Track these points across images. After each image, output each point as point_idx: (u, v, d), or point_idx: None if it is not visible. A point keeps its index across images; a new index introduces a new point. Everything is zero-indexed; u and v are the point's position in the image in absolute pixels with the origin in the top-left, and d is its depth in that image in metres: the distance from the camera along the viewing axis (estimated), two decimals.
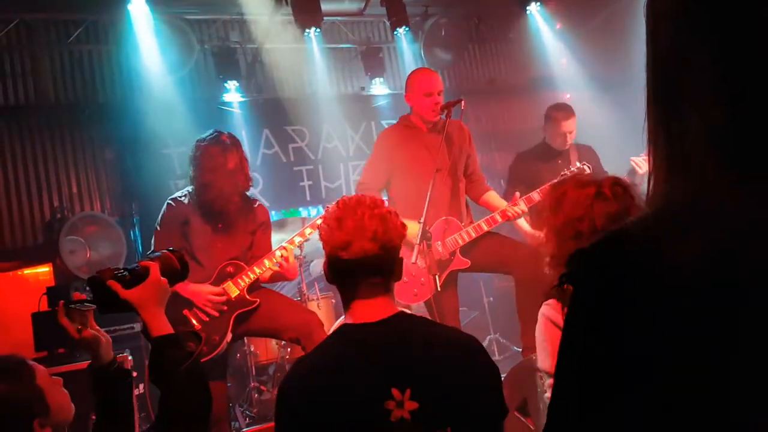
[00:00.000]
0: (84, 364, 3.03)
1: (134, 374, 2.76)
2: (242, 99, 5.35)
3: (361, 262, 1.36)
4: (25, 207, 4.74)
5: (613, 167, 3.41)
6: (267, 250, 3.01)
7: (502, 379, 1.44)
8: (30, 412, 1.29)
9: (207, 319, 2.84)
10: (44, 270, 4.12)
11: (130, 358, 3.07)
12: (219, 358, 2.89)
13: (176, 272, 1.45)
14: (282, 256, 2.89)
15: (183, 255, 1.49)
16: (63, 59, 5.01)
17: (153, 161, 5.02)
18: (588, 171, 3.26)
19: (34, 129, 4.84)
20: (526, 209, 3.12)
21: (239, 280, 2.90)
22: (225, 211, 2.90)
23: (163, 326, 1.34)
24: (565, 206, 1.51)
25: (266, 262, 2.90)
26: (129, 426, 1.42)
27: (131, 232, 4.87)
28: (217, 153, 2.85)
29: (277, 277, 3.01)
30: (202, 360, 2.78)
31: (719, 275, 0.55)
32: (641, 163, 3.42)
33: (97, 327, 1.47)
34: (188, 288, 2.82)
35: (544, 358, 1.52)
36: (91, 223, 4.48)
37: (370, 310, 1.40)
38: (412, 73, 3.32)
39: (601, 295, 0.61)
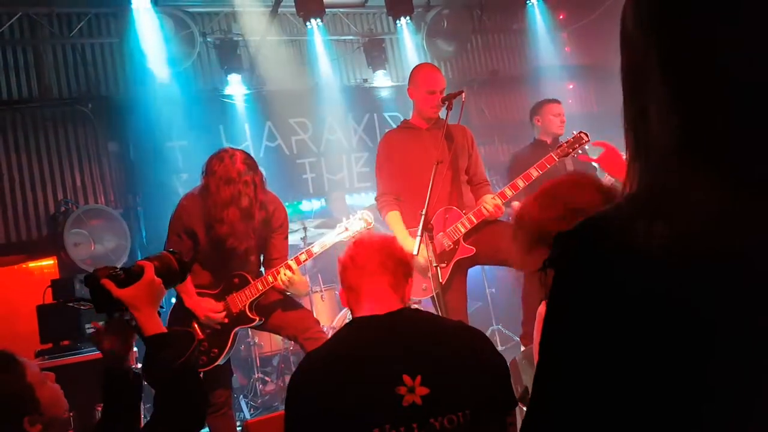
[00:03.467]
0: (88, 356, 3.07)
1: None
2: (245, 91, 5.35)
3: (372, 276, 1.50)
4: (29, 200, 4.77)
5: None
6: (283, 253, 2.96)
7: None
8: (19, 410, 1.28)
9: (208, 331, 2.84)
10: (49, 263, 4.16)
11: (135, 349, 3.09)
12: (223, 366, 2.89)
13: (174, 273, 1.44)
14: (286, 275, 2.82)
15: (182, 256, 1.48)
16: (66, 53, 5.02)
17: (157, 154, 5.04)
18: (586, 139, 3.18)
19: (37, 122, 4.85)
20: (524, 185, 3.12)
21: (243, 295, 2.88)
22: (237, 247, 2.80)
23: (155, 326, 1.33)
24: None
25: (270, 278, 2.85)
26: (134, 427, 1.43)
27: (135, 225, 4.90)
28: (230, 189, 2.71)
29: (290, 288, 2.91)
30: (201, 370, 2.78)
31: (684, 259, 0.58)
32: None
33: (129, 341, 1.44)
34: (192, 299, 2.82)
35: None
36: (95, 216, 4.51)
37: (379, 302, 1.46)
38: (416, 68, 3.31)
39: (578, 278, 0.64)
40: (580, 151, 3.23)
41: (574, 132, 3.25)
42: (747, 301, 0.57)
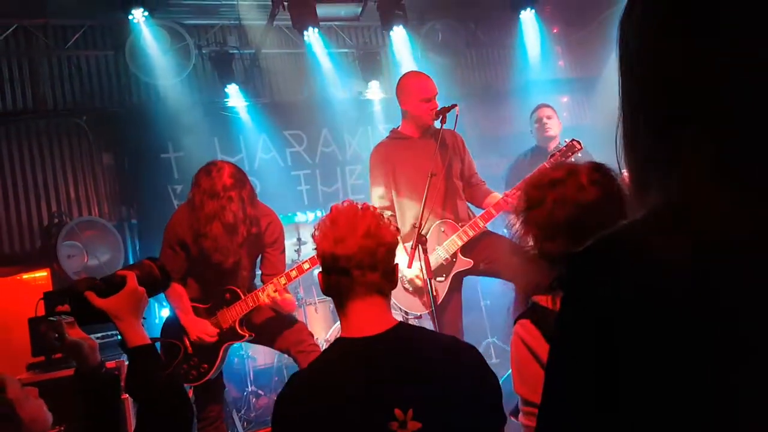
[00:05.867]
0: (69, 372, 3.03)
1: None
2: (240, 104, 5.36)
3: (355, 258, 1.35)
4: (23, 212, 4.75)
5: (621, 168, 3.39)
6: (279, 269, 2.93)
7: (501, 382, 1.43)
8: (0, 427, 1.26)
9: (198, 346, 2.82)
10: (42, 275, 4.12)
11: (126, 363, 3.07)
12: (214, 381, 2.88)
13: (157, 281, 1.42)
14: (269, 295, 2.79)
15: (164, 265, 1.47)
16: (61, 64, 5.03)
17: (151, 166, 5.03)
18: (579, 147, 3.20)
19: (32, 134, 4.85)
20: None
21: (233, 311, 2.86)
22: (222, 262, 2.79)
23: (139, 336, 1.31)
24: (532, 202, 1.38)
25: (260, 295, 2.83)
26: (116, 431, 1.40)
27: (129, 237, 4.88)
28: (214, 204, 2.69)
29: (274, 306, 2.87)
30: (191, 385, 2.75)
31: (705, 278, 0.57)
32: None
33: (82, 334, 1.42)
34: (187, 317, 2.82)
35: (516, 380, 1.39)
36: (88, 228, 4.49)
37: (368, 319, 1.37)
38: (405, 78, 3.27)
39: (591, 299, 0.62)
40: (573, 159, 3.25)
41: (566, 140, 3.29)
42: None
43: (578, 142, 3.24)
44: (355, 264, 1.35)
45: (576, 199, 1.29)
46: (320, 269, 1.44)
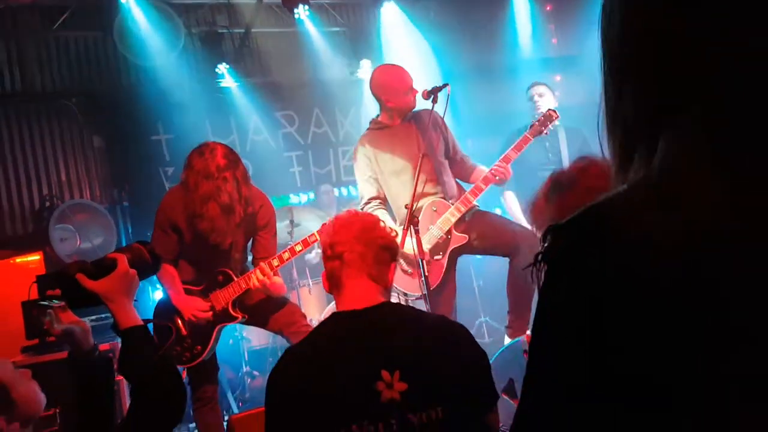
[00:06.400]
0: (63, 354, 3.05)
1: None
2: (231, 85, 5.31)
3: (350, 242, 1.49)
4: (14, 196, 4.72)
5: (604, 149, 3.42)
6: (271, 252, 2.92)
7: (492, 361, 1.48)
8: None
9: (191, 328, 2.83)
10: (35, 258, 4.12)
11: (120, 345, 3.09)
12: (208, 362, 2.89)
13: (147, 264, 1.42)
14: (259, 278, 2.79)
15: (154, 248, 1.47)
16: (49, 46, 4.95)
17: (142, 148, 5.00)
18: (556, 115, 3.31)
19: (21, 117, 4.80)
20: (508, 167, 3.14)
21: (226, 293, 2.87)
22: (220, 243, 2.78)
23: (131, 318, 1.31)
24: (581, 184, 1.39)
25: (252, 277, 2.83)
26: (109, 414, 1.42)
27: (121, 220, 4.87)
28: (209, 185, 2.68)
29: (264, 290, 2.87)
30: (185, 367, 2.77)
31: (695, 267, 0.57)
32: None
33: (74, 317, 1.43)
34: (179, 297, 2.82)
35: None
36: (80, 211, 4.48)
37: (359, 295, 1.45)
38: (380, 75, 3.27)
39: (577, 272, 0.61)
40: (551, 128, 3.36)
41: (543, 111, 3.42)
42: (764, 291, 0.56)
43: (554, 111, 3.36)
44: (349, 248, 1.47)
45: (608, 186, 1.31)
46: (323, 270, 1.55)
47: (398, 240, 2.91)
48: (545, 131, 3.33)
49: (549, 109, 3.37)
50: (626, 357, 0.58)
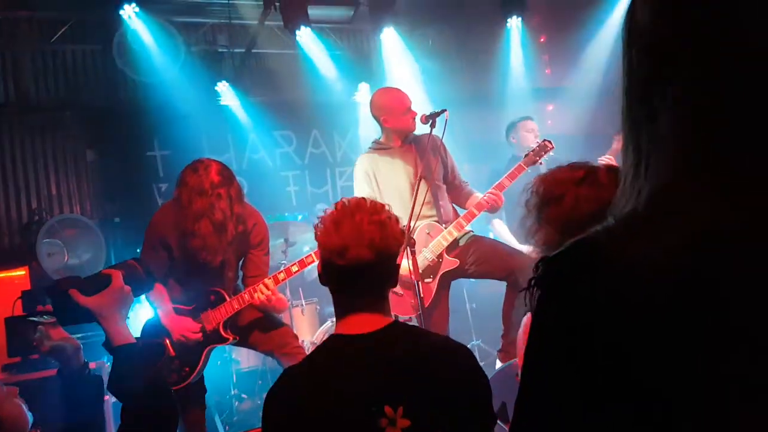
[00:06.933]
0: (52, 372, 2.97)
1: None
2: (229, 103, 5.32)
3: (356, 270, 1.34)
4: (2, 208, 4.64)
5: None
6: (263, 271, 2.88)
7: None
8: None
9: (180, 348, 2.76)
10: (20, 273, 4.03)
11: (107, 364, 3.01)
12: (195, 385, 2.83)
13: (142, 281, 1.40)
14: (263, 293, 2.73)
15: (149, 265, 1.45)
16: (46, 59, 4.94)
17: (137, 163, 4.96)
18: (551, 146, 3.33)
19: (14, 129, 4.75)
20: (501, 195, 3.17)
21: (218, 313, 2.80)
22: (210, 261, 2.73)
23: (124, 335, 1.29)
24: (551, 194, 1.40)
25: (246, 296, 2.78)
26: None
27: (112, 236, 4.79)
28: (203, 201, 2.64)
29: (265, 307, 2.82)
30: (173, 389, 2.72)
31: (695, 269, 0.57)
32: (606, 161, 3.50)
33: (65, 334, 1.41)
34: (169, 318, 2.75)
35: None
36: (70, 226, 4.40)
37: (363, 320, 1.38)
38: (378, 97, 3.34)
39: (567, 298, 0.62)
40: (546, 158, 3.36)
41: (538, 140, 3.43)
42: (753, 321, 0.56)
43: (550, 141, 3.37)
44: (355, 277, 1.35)
45: (598, 196, 1.32)
46: (319, 263, 1.43)
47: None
48: (539, 161, 3.35)
49: (545, 140, 3.39)
50: (622, 371, 0.58)
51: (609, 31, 5.61)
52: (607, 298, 0.59)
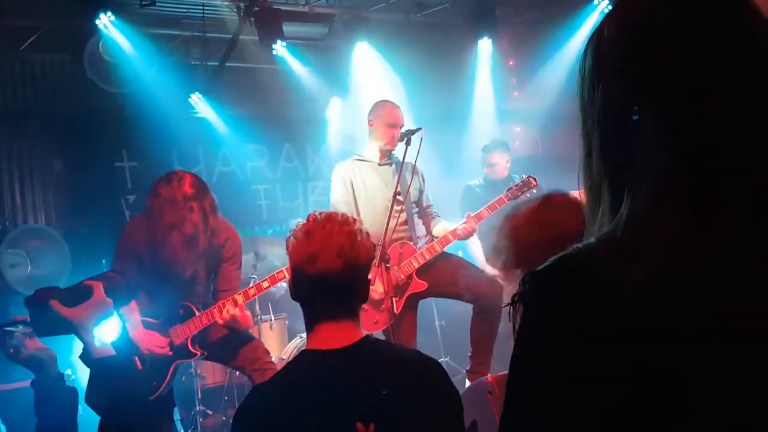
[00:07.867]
0: (22, 384, 2.89)
1: None
2: (200, 115, 5.29)
3: (325, 279, 1.34)
4: None
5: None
6: (234, 285, 2.87)
7: None
8: None
9: (148, 362, 2.73)
10: None
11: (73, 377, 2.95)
12: (164, 397, 2.80)
13: (122, 293, 1.41)
14: (229, 311, 2.72)
15: (130, 278, 1.46)
16: (14, 66, 4.84)
17: (104, 174, 4.88)
18: (534, 183, 3.42)
19: None
20: (476, 226, 3.25)
21: (186, 328, 2.78)
22: (180, 274, 2.72)
23: (104, 348, 1.29)
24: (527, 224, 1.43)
25: (216, 312, 2.77)
26: None
27: (78, 247, 4.69)
28: (174, 213, 2.62)
29: (232, 324, 2.79)
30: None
31: (669, 301, 0.58)
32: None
33: (41, 344, 1.39)
34: (136, 331, 2.72)
35: None
36: (34, 237, 4.31)
37: (335, 334, 1.37)
38: (380, 102, 3.49)
39: (550, 318, 0.63)
40: (528, 195, 3.43)
41: (524, 176, 3.51)
42: (728, 346, 0.57)
43: (534, 178, 3.46)
44: (325, 287, 1.35)
45: (554, 221, 1.36)
46: (290, 277, 1.44)
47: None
48: (521, 196, 3.42)
49: (529, 176, 3.49)
50: (603, 384, 0.59)
51: (572, 55, 5.83)
52: (591, 311, 0.60)
